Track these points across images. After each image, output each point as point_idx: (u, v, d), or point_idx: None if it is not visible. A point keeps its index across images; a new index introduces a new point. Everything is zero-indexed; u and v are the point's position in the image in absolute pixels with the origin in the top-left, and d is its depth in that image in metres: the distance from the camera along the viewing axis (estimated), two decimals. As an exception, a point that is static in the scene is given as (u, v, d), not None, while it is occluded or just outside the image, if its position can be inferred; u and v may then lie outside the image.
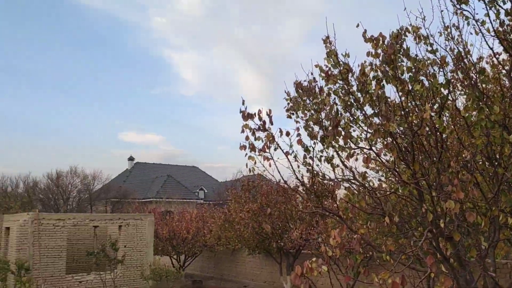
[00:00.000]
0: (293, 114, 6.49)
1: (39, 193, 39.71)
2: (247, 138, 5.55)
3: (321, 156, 6.28)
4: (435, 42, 5.59)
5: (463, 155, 5.12)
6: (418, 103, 5.03)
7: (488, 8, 5.20)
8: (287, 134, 5.47)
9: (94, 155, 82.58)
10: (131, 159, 59.51)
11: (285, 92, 6.65)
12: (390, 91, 8.09)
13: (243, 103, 5.43)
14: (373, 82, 5.60)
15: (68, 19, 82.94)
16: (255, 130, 5.40)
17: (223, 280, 23.53)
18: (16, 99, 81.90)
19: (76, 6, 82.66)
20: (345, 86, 5.84)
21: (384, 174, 7.49)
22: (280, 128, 5.42)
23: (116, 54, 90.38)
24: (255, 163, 5.66)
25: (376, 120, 5.54)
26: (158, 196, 48.08)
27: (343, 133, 5.18)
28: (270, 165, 5.64)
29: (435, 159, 4.94)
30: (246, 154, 5.62)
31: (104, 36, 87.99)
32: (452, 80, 5.93)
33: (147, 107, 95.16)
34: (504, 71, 6.02)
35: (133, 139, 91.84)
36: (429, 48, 5.60)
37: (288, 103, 6.60)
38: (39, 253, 16.60)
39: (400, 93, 5.03)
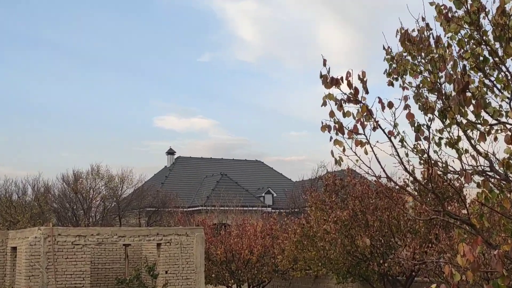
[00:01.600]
0: (397, 79, 6.38)
1: (53, 202, 41.81)
2: (331, 114, 5.51)
3: (440, 138, 6.16)
4: None
5: None
6: None
7: None
8: (390, 106, 5.33)
9: (121, 149, 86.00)
10: (171, 152, 61.09)
11: (384, 48, 6.54)
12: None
13: (324, 64, 5.39)
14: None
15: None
16: (342, 102, 5.31)
17: (302, 319, 23.64)
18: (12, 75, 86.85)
19: None
20: (474, 32, 5.62)
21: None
22: (379, 98, 5.28)
23: (145, 9, 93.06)
24: (343, 150, 5.63)
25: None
26: (208, 203, 49.10)
27: (473, 101, 4.98)
28: (366, 153, 5.57)
29: None
30: (331, 137, 5.60)
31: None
32: None
33: (192, 81, 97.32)
34: None
35: (174, 126, 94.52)
36: None
37: (390, 64, 6.47)
38: (55, 281, 17.54)
39: None
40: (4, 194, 41.96)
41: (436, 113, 5.84)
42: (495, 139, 5.76)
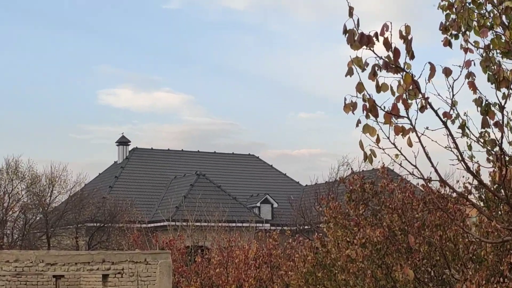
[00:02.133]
0: (456, 36, 6.43)
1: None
2: (360, 87, 5.52)
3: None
4: None
5: None
6: None
7: None
8: (447, 73, 5.32)
9: (50, 137, 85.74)
10: (124, 142, 61.14)
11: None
12: None
13: (350, 14, 5.40)
14: None
15: None
16: (376, 69, 5.28)
17: None
18: None
19: None
20: None
21: None
22: (430, 63, 5.27)
23: None
24: (377, 140, 5.68)
25: None
26: (178, 216, 49.20)
27: None
28: (410, 144, 5.59)
29: None
30: (359, 121, 5.65)
31: None
32: None
33: (156, 38, 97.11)
34: None
35: (128, 103, 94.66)
36: None
37: (447, 14, 6.56)
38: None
39: None
40: None
41: (512, 85, 5.84)
42: None
